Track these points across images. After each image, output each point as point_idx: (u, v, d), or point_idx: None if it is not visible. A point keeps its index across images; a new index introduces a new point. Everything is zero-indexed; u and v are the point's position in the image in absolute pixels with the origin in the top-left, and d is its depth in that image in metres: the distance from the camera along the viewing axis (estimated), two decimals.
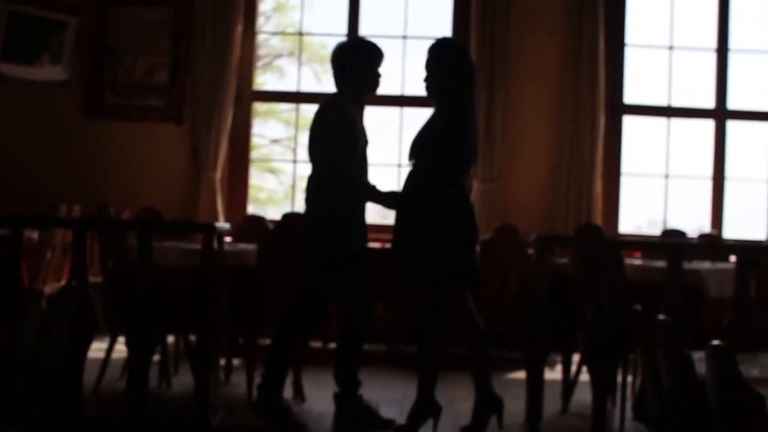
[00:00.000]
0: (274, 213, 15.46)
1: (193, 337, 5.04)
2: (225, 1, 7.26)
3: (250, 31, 7.55)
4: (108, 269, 5.06)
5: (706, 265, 4.98)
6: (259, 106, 14.29)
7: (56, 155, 7.36)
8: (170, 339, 5.54)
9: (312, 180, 4.61)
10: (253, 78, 7.68)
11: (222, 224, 4.49)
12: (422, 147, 4.41)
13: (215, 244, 4.24)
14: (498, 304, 6.27)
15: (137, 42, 7.37)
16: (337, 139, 4.48)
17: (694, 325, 4.34)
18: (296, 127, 8.84)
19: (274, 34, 13.25)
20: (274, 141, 15.19)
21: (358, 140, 4.57)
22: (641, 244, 5.31)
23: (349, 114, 4.56)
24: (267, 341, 4.75)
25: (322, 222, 4.55)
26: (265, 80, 14.45)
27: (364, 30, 7.53)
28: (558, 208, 7.21)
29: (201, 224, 4.80)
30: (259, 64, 14.60)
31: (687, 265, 4.45)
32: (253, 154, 14.75)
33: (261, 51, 14.57)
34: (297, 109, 8.17)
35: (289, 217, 4.98)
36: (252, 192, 15.59)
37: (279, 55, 10.85)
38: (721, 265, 5.12)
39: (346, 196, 4.55)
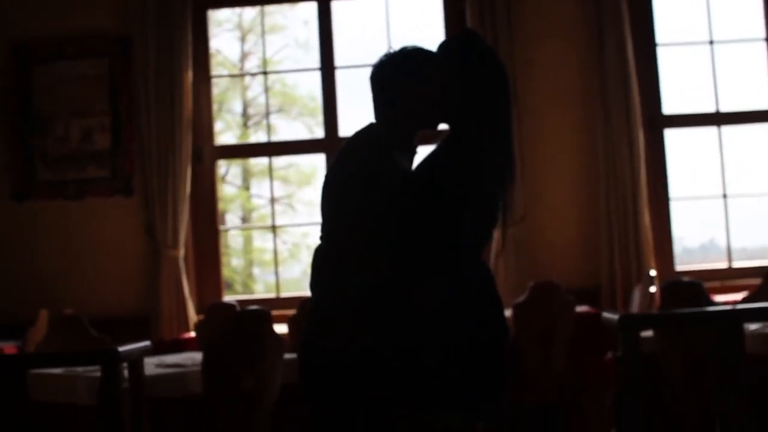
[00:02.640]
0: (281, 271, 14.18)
1: None
2: (168, 45, 5.98)
3: (203, 76, 6.26)
4: None
5: None
6: (254, 165, 13.22)
7: None
8: None
9: (320, 255, 2.88)
10: (213, 131, 6.36)
11: (135, 346, 3.15)
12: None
13: (121, 377, 2.90)
14: (541, 384, 4.93)
15: (68, 103, 6.08)
16: (362, 203, 2.76)
17: None
18: (271, 181, 7.62)
19: (231, 76, 12.08)
20: (274, 200, 13.97)
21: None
22: None
23: (388, 160, 2.82)
24: None
25: (328, 320, 2.84)
26: (257, 138, 13.36)
27: (341, 61, 6.25)
28: (600, 249, 5.87)
29: (97, 352, 3.38)
30: (250, 123, 13.52)
31: None
32: (254, 215, 13.75)
33: (250, 110, 13.51)
34: (270, 163, 6.90)
35: (248, 315, 3.60)
36: (256, 255, 14.48)
37: (268, 113, 9.72)
38: None
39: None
